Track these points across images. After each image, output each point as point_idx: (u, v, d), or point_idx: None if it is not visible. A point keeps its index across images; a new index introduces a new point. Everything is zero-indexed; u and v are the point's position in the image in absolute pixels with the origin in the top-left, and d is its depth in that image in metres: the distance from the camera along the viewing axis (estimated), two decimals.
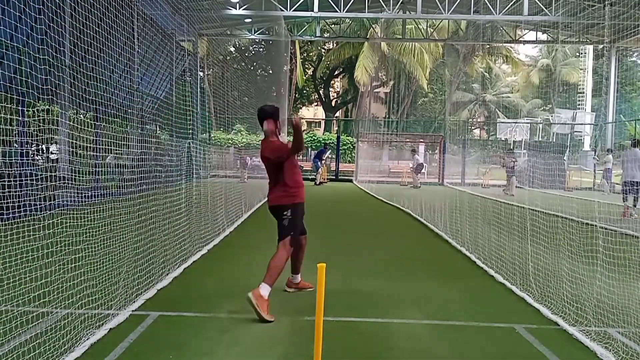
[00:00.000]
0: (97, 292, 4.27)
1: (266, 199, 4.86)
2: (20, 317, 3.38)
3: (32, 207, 4.01)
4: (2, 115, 4.29)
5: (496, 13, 20.30)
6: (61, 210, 4.07)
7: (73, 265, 4.00)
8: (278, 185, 4.67)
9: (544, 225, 6.31)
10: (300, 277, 5.11)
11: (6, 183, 4.31)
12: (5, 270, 3.69)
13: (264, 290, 4.21)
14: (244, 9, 20.83)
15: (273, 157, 4.65)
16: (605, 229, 6.22)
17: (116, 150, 6.47)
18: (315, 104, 49.32)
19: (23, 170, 4.72)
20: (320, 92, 44.38)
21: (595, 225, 6.24)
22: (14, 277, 3.69)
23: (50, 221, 3.76)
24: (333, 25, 29.92)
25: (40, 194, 4.07)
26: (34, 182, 4.35)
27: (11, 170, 4.38)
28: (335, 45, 37.58)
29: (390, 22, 30.62)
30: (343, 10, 20.82)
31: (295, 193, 4.68)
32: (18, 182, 4.24)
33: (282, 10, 20.62)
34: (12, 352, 3.13)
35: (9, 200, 4.33)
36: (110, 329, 3.79)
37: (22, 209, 4.14)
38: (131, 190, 5.75)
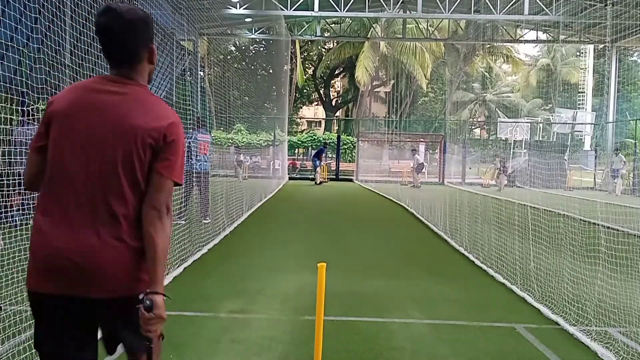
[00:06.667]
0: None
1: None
2: (16, 316, 3.37)
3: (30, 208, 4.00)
4: (2, 115, 4.29)
5: (497, 12, 20.28)
6: None
7: None
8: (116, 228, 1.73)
9: (546, 225, 6.30)
10: None
11: (6, 182, 4.30)
12: (3, 270, 3.68)
13: None
14: (244, 8, 20.82)
15: (167, 154, 1.79)
16: (608, 227, 6.21)
17: None
18: (316, 103, 49.31)
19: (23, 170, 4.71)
20: (321, 91, 44.37)
21: (598, 225, 6.24)
22: (12, 277, 3.69)
23: None
24: (333, 25, 29.90)
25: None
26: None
27: (11, 170, 4.38)
28: (335, 44, 37.56)
29: (390, 22, 30.62)
30: (343, 10, 20.80)
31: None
32: (18, 182, 4.24)
33: (283, 10, 20.60)
34: (9, 351, 3.13)
35: (8, 200, 4.33)
36: None
37: (21, 209, 4.14)
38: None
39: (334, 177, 25.30)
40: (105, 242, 1.70)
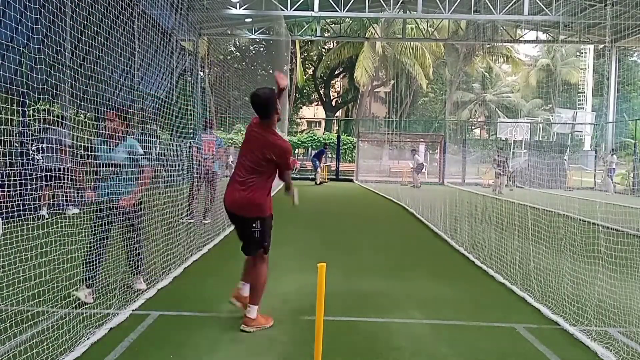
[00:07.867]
0: (94, 291, 4.27)
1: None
2: (16, 316, 3.37)
3: (30, 207, 4.00)
4: (3, 115, 4.29)
5: (496, 13, 20.29)
6: (61, 209, 4.07)
7: (70, 265, 3.99)
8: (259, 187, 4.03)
9: (545, 225, 6.30)
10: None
11: (5, 182, 4.30)
12: (1, 270, 3.68)
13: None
14: (244, 9, 20.83)
15: (278, 160, 4.02)
16: (608, 228, 6.22)
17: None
18: (316, 103, 49.29)
19: (23, 170, 4.72)
20: (321, 91, 44.33)
21: (597, 225, 6.24)
22: (9, 277, 3.69)
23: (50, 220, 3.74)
24: (333, 25, 29.90)
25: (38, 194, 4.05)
26: (34, 182, 4.34)
27: (11, 170, 4.38)
28: (335, 44, 37.54)
29: (390, 22, 30.62)
30: (343, 10, 20.81)
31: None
32: (18, 182, 4.24)
33: (283, 10, 20.62)
34: (10, 351, 3.13)
35: (7, 200, 4.33)
36: (111, 328, 3.79)
37: (19, 209, 4.14)
38: (132, 190, 5.73)
39: (334, 177, 25.28)
40: (247, 193, 3.95)
